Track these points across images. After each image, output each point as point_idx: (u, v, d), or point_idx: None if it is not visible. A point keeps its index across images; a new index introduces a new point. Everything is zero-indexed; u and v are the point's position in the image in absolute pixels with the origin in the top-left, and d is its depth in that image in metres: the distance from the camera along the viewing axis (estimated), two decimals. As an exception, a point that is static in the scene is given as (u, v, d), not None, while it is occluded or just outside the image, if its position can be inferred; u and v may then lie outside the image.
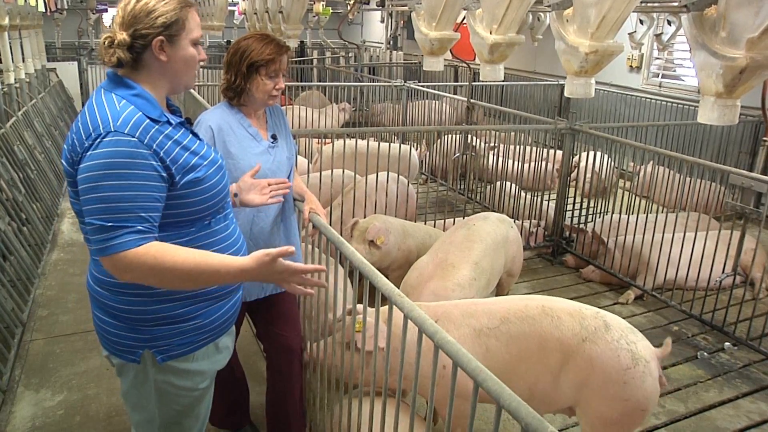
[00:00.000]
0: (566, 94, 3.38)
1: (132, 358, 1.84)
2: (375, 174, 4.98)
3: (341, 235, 2.53)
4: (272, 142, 2.59)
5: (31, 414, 3.25)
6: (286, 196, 2.66)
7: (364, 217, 4.64)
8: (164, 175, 1.69)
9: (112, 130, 1.63)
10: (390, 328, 2.00)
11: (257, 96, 2.50)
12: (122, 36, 1.70)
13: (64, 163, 1.73)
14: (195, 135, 1.88)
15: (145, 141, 1.66)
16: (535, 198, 5.85)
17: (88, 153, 1.62)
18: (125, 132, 1.64)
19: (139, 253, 1.61)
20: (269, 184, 2.35)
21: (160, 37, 1.72)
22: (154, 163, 1.67)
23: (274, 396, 2.83)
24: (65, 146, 1.74)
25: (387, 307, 2.04)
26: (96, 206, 1.61)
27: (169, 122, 1.77)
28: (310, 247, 2.75)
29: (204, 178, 1.79)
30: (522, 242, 4.43)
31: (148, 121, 1.69)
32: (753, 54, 2.58)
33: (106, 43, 1.72)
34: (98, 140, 1.62)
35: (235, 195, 2.28)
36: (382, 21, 15.26)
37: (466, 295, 3.44)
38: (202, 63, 1.89)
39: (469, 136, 6.89)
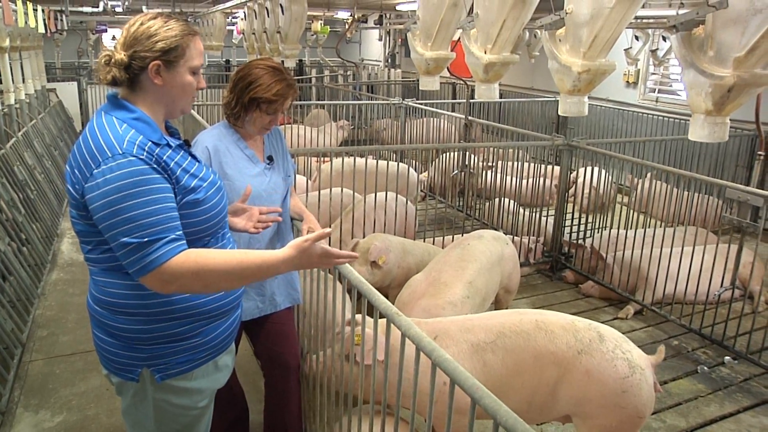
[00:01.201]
0: (560, 112, 3.42)
1: (130, 377, 1.85)
2: (374, 193, 5.00)
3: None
4: (268, 164, 2.61)
5: (31, 435, 3.24)
6: (282, 216, 2.69)
7: (363, 237, 4.66)
8: (174, 188, 1.73)
9: (120, 152, 1.65)
10: (388, 343, 2.01)
11: (252, 127, 2.53)
12: (120, 55, 1.74)
13: (69, 187, 1.75)
14: (194, 157, 1.91)
15: (154, 158, 1.70)
16: (534, 214, 5.87)
17: (101, 179, 1.64)
18: (133, 153, 1.66)
19: (181, 260, 1.64)
20: (261, 213, 2.33)
21: (157, 62, 1.75)
22: (165, 176, 1.71)
23: (271, 414, 2.83)
24: (68, 169, 1.76)
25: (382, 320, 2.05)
26: (126, 227, 1.62)
27: (168, 145, 1.79)
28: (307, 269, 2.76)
29: (204, 199, 1.82)
30: (519, 258, 4.44)
31: (150, 143, 1.72)
32: (740, 73, 2.64)
33: (103, 60, 1.75)
34: (108, 165, 1.64)
35: None
36: (380, 39, 15.38)
37: (458, 313, 3.44)
38: (200, 90, 1.91)
39: (467, 153, 6.92)
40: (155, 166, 1.69)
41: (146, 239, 1.62)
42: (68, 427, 3.32)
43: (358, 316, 2.42)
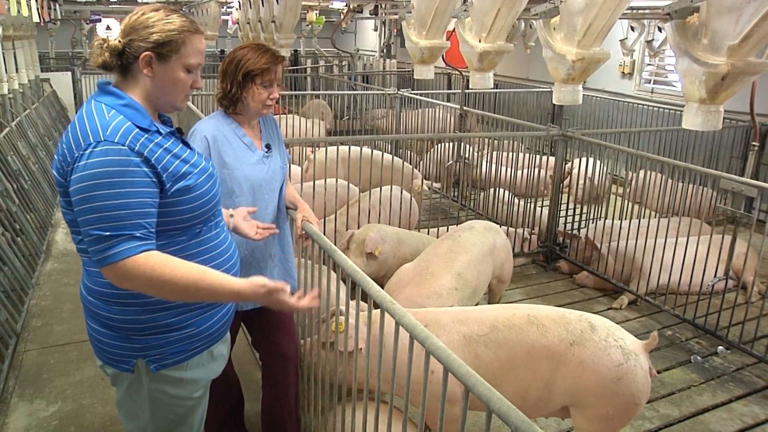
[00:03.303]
0: (554, 101, 3.42)
1: (125, 368, 1.84)
2: (370, 185, 4.99)
3: (335, 244, 2.55)
4: (266, 152, 2.60)
5: (25, 425, 3.24)
6: (279, 206, 2.69)
7: (358, 227, 4.65)
8: (155, 181, 1.70)
9: (102, 139, 1.64)
10: (382, 333, 2.02)
11: (252, 105, 2.52)
12: (115, 42, 1.74)
13: (55, 173, 1.74)
14: (186, 144, 1.90)
15: (136, 148, 1.67)
16: (529, 204, 5.88)
17: (79, 164, 1.63)
18: (115, 141, 1.65)
19: (139, 263, 1.63)
20: (258, 227, 2.35)
21: (149, 53, 1.74)
22: (145, 169, 1.68)
23: (269, 403, 2.83)
24: (56, 156, 1.75)
25: (376, 310, 2.06)
26: (92, 216, 1.62)
27: (158, 131, 1.78)
28: (302, 260, 2.77)
29: (194, 186, 1.80)
30: (514, 249, 4.44)
31: (137, 130, 1.70)
32: (734, 61, 2.64)
33: (96, 44, 1.76)
34: (88, 151, 1.63)
35: (231, 216, 2.29)
36: (376, 29, 15.32)
37: (443, 303, 3.45)
38: (195, 90, 1.88)
39: (462, 143, 6.92)
40: (136, 156, 1.66)
41: (108, 233, 1.61)
42: (63, 416, 3.32)
43: (344, 308, 2.43)
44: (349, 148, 4.84)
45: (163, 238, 1.77)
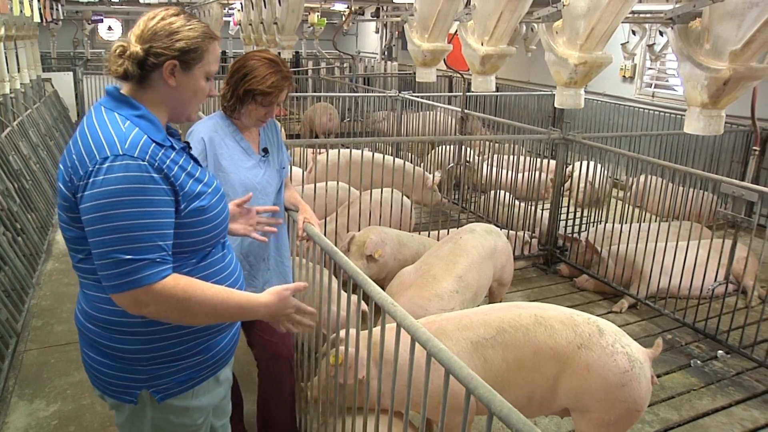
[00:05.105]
0: (556, 104, 3.42)
1: (129, 399, 1.73)
2: (371, 188, 4.98)
3: (335, 245, 2.55)
4: (263, 156, 2.60)
5: (25, 424, 3.24)
6: (277, 216, 2.68)
7: (359, 230, 4.65)
8: (173, 199, 1.61)
9: (120, 153, 1.53)
10: (383, 340, 2.02)
11: (246, 120, 2.51)
12: (136, 48, 1.62)
13: (61, 185, 1.61)
14: (196, 161, 1.79)
15: (155, 164, 1.56)
16: (530, 207, 5.88)
17: (96, 179, 1.51)
18: (135, 156, 1.53)
19: (168, 286, 1.54)
20: (257, 212, 2.25)
21: (174, 61, 1.64)
22: (165, 186, 1.58)
23: (264, 402, 2.83)
24: (61, 166, 1.63)
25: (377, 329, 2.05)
26: (109, 237, 1.50)
27: (172, 147, 1.68)
28: (303, 260, 2.77)
29: (208, 206, 1.71)
30: (514, 252, 4.43)
31: (154, 144, 1.60)
32: (736, 66, 2.65)
33: (117, 51, 1.63)
34: (106, 165, 1.51)
35: None
36: (377, 32, 15.34)
37: (444, 306, 3.44)
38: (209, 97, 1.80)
39: (463, 146, 6.92)
40: (156, 173, 1.55)
41: (128, 256, 1.50)
42: (63, 416, 3.32)
43: (344, 332, 2.41)
44: (350, 151, 4.85)
45: (173, 261, 1.64)
